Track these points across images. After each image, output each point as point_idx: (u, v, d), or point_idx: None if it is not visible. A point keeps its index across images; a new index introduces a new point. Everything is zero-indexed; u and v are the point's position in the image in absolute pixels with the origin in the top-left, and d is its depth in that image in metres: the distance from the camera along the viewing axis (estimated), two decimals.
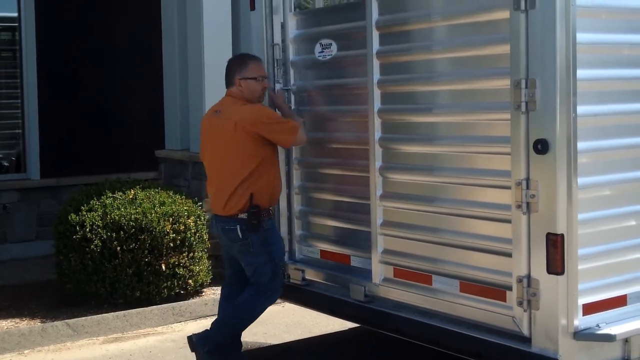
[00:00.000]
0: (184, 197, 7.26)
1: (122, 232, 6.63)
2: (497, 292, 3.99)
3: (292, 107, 5.22)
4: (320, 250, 5.17)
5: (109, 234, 6.63)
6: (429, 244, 4.36)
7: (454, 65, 4.18)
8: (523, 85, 3.69)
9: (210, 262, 7.26)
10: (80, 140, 9.47)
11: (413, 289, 4.42)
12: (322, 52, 5.01)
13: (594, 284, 3.83)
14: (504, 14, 3.77)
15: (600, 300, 3.85)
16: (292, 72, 5.27)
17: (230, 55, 7.83)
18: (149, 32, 9.12)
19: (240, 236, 4.85)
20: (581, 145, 3.67)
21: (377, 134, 4.57)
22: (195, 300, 7.05)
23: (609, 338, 3.72)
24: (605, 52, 3.89)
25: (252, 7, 5.43)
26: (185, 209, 7.00)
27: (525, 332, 3.78)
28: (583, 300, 3.75)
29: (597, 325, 3.77)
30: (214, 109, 5.07)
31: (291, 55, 5.27)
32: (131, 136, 9.65)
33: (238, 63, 5.02)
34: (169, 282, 6.82)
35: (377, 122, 4.56)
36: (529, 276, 3.77)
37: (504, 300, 3.94)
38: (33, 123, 9.21)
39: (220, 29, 7.86)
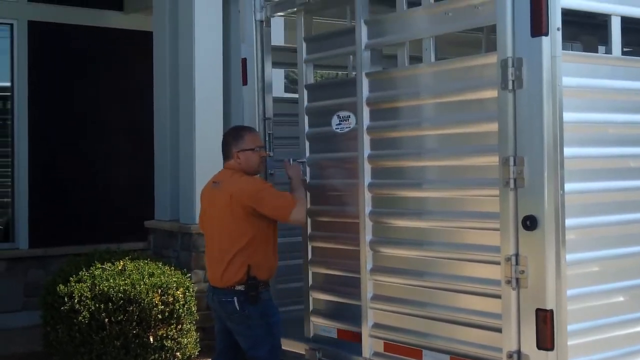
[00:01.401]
0: (173, 268, 7.25)
1: (110, 304, 6.60)
2: None
3: None
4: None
5: (97, 305, 6.59)
6: (419, 319, 4.37)
7: (443, 142, 4.26)
8: (511, 162, 3.76)
9: (198, 334, 7.21)
10: (70, 210, 9.48)
11: None
12: (340, 124, 5.01)
13: (583, 359, 3.85)
14: (492, 93, 3.88)
15: None
16: None
17: (220, 128, 7.96)
18: (140, 102, 9.23)
19: (238, 308, 4.82)
20: (569, 221, 3.73)
21: (367, 208, 4.63)
22: None
23: None
24: (591, 131, 3.99)
25: (245, 82, 5.55)
26: (174, 280, 6.98)
27: None
28: None
29: None
30: (213, 180, 5.10)
31: None
32: (121, 207, 9.66)
33: (234, 136, 5.04)
34: (156, 355, 6.75)
35: (367, 195, 4.62)
36: (519, 352, 3.78)
37: None
38: (23, 192, 9.22)
39: (211, 102, 7.94)
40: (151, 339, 6.71)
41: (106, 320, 6.59)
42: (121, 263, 7.03)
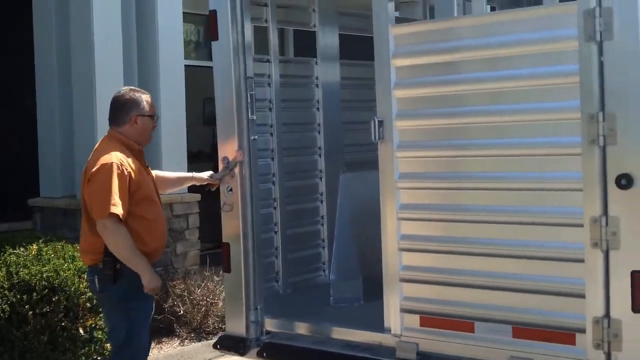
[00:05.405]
0: None
1: (34, 294, 5.73)
2: (562, 335, 3.80)
3: None
4: None
5: (17, 296, 5.70)
6: (468, 289, 4.09)
7: (518, 97, 3.93)
8: (600, 118, 3.57)
9: None
10: None
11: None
12: None
13: None
14: (573, 45, 3.65)
15: None
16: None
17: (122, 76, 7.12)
18: (16, 63, 8.13)
19: (97, 288, 4.40)
20: None
21: (396, 173, 4.27)
22: None
23: None
24: None
25: (215, 37, 4.93)
26: None
27: None
28: None
29: None
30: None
31: None
32: None
33: (133, 99, 4.52)
34: (86, 348, 5.97)
35: (396, 160, 4.26)
36: (608, 316, 3.61)
37: (573, 343, 3.77)
38: None
39: (112, 61, 7.10)
40: (81, 331, 5.93)
41: (30, 312, 5.72)
42: (34, 247, 6.14)
